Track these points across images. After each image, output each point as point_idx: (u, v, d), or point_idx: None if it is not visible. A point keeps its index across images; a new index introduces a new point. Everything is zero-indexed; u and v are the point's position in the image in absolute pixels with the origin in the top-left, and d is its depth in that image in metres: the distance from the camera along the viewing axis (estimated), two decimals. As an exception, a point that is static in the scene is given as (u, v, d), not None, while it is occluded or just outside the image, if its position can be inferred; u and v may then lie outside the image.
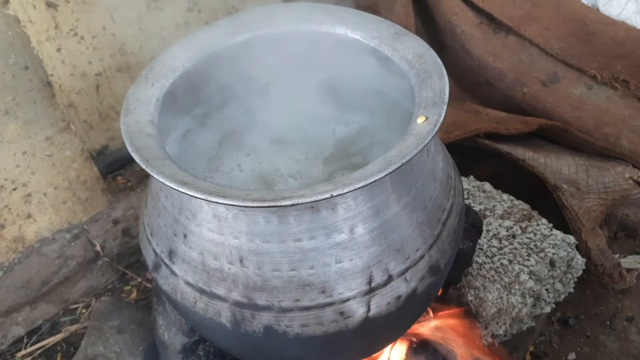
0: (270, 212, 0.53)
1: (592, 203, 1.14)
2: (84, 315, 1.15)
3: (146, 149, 0.54)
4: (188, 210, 0.58)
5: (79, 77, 1.22)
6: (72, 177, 1.07)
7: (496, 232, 1.01)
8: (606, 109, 1.25)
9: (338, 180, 0.49)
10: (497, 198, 1.10)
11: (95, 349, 0.95)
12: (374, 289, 0.57)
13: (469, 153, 1.26)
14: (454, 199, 0.66)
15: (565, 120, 1.26)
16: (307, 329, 0.57)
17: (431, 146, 0.63)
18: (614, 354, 1.07)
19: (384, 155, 0.51)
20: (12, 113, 0.92)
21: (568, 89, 1.28)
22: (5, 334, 1.09)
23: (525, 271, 0.93)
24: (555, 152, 1.24)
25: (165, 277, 0.62)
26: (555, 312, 1.14)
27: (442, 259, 0.63)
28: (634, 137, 1.21)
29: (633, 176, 1.19)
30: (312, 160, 0.80)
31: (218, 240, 0.56)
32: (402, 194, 0.57)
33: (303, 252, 0.54)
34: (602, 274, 1.13)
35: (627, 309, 1.15)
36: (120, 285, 1.22)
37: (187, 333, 0.90)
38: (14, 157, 0.97)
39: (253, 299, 0.56)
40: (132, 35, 1.25)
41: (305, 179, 0.78)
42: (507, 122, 1.27)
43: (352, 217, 0.54)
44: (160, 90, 0.65)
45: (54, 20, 1.12)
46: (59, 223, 1.11)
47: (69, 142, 1.03)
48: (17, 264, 1.07)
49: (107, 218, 1.17)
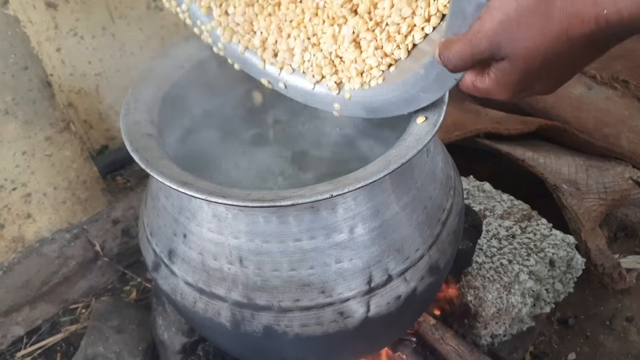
0: (270, 212, 0.53)
1: (592, 203, 1.14)
2: (83, 315, 1.15)
3: (146, 149, 0.54)
4: (188, 210, 0.58)
5: (79, 77, 1.22)
6: (72, 177, 1.07)
7: (496, 232, 1.01)
8: (606, 109, 1.25)
9: (338, 180, 0.49)
10: (496, 198, 1.10)
11: (95, 349, 0.95)
12: (373, 289, 0.57)
13: (469, 153, 1.26)
14: (454, 199, 0.66)
15: (565, 120, 1.26)
16: (306, 329, 0.57)
17: (431, 146, 0.63)
18: (614, 354, 1.07)
19: (384, 156, 0.51)
20: (12, 113, 0.92)
21: (568, 89, 1.28)
22: (5, 334, 1.09)
23: (525, 271, 0.93)
24: (555, 152, 1.24)
25: (165, 277, 0.62)
26: (555, 312, 1.14)
27: (441, 259, 0.63)
28: (634, 137, 1.21)
29: (633, 176, 1.19)
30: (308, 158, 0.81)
31: (218, 240, 0.56)
32: (401, 194, 0.57)
33: (303, 252, 0.54)
34: (602, 274, 1.13)
35: (627, 309, 1.15)
36: (119, 285, 1.21)
37: (186, 333, 0.90)
38: (14, 157, 0.97)
39: (253, 299, 0.56)
40: (132, 35, 1.25)
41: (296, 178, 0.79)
42: (507, 122, 1.27)
43: (352, 217, 0.54)
44: (160, 90, 0.65)
45: (53, 20, 1.12)
46: (58, 223, 1.11)
47: (68, 142, 1.03)
48: (16, 264, 1.07)
49: (107, 218, 1.17)
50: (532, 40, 0.39)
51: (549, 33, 0.38)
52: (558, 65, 0.41)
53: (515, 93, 0.44)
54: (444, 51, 0.45)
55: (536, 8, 0.37)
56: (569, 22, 0.37)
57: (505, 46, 0.40)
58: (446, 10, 0.50)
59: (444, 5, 0.50)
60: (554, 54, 0.39)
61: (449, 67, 0.45)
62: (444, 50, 0.45)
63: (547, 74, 0.42)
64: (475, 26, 0.41)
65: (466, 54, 0.42)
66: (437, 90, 0.52)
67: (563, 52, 0.39)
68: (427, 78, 0.52)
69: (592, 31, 0.37)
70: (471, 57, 0.42)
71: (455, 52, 0.43)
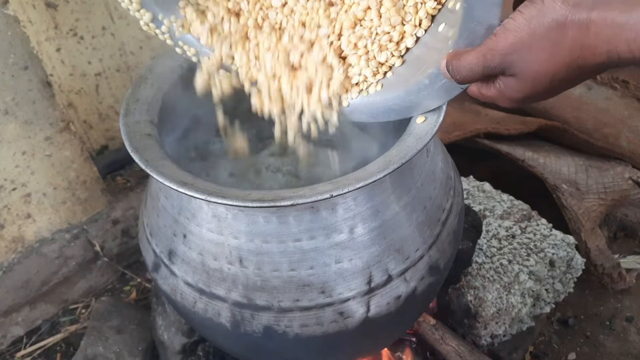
0: (269, 212, 0.53)
1: (592, 203, 1.15)
2: (83, 316, 1.15)
3: (146, 149, 0.54)
4: (188, 211, 0.58)
5: (79, 77, 1.22)
6: (72, 177, 1.07)
7: (496, 232, 1.01)
8: (606, 109, 1.25)
9: (338, 180, 0.49)
10: (496, 198, 1.10)
11: (95, 349, 0.95)
12: (373, 289, 0.57)
13: (469, 153, 1.26)
14: (454, 199, 0.66)
15: (564, 121, 1.26)
16: (306, 329, 0.57)
17: (431, 146, 0.63)
18: (614, 354, 1.07)
19: (384, 156, 0.51)
20: (12, 113, 0.92)
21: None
22: (5, 334, 1.09)
23: (525, 271, 0.93)
24: (555, 152, 1.24)
25: (165, 277, 0.62)
26: (555, 312, 1.14)
27: (441, 259, 0.63)
28: (634, 137, 1.21)
29: (632, 176, 1.19)
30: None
31: (218, 240, 0.56)
32: (401, 194, 0.57)
33: (303, 252, 0.54)
34: (602, 274, 1.13)
35: (627, 309, 1.15)
36: (119, 285, 1.21)
37: (186, 333, 0.90)
38: (14, 157, 0.97)
39: (253, 299, 0.56)
40: (132, 35, 1.25)
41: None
42: (507, 122, 1.27)
43: (352, 217, 0.54)
44: (160, 90, 0.65)
45: (53, 20, 1.12)
46: (58, 223, 1.11)
47: (68, 142, 1.03)
48: (16, 264, 1.07)
49: (107, 218, 1.17)
50: (542, 65, 0.40)
51: (559, 59, 0.39)
52: (565, 85, 0.42)
53: (519, 104, 0.46)
54: (453, 61, 0.46)
55: (547, 35, 0.38)
56: (580, 54, 0.38)
57: (517, 65, 0.41)
58: (435, 12, 0.51)
59: (432, 8, 0.51)
60: (562, 79, 0.40)
61: (456, 77, 0.46)
62: (453, 61, 0.46)
63: (552, 92, 0.43)
64: (490, 42, 0.42)
65: (478, 67, 0.43)
66: (442, 98, 0.53)
67: (572, 77, 0.40)
68: (431, 87, 0.52)
69: (603, 62, 0.37)
70: (482, 71, 0.44)
71: (467, 63, 0.44)
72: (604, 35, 0.36)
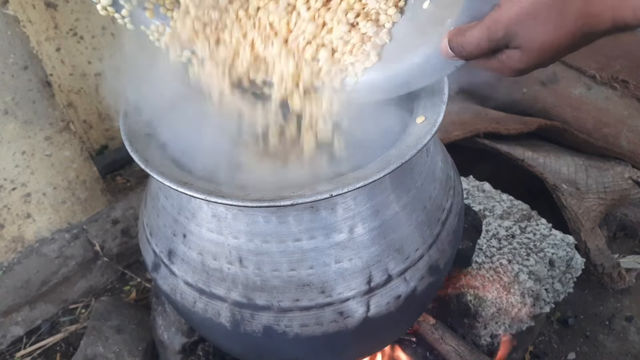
0: (269, 212, 0.53)
1: (592, 203, 1.15)
2: (83, 315, 1.15)
3: (146, 149, 0.54)
4: (187, 211, 0.58)
5: (79, 77, 1.22)
6: (72, 177, 1.07)
7: (495, 232, 1.01)
8: (605, 109, 1.25)
9: (337, 180, 0.49)
10: (496, 198, 1.10)
11: (95, 349, 0.95)
12: (373, 289, 0.57)
13: (468, 153, 1.26)
14: (454, 199, 0.66)
15: (564, 120, 1.26)
16: (306, 329, 0.57)
17: (430, 146, 0.63)
18: (613, 353, 1.07)
19: (383, 155, 0.51)
20: (12, 113, 0.92)
21: (567, 89, 1.28)
22: (5, 334, 1.09)
23: (525, 271, 0.93)
24: (555, 152, 1.24)
25: (165, 277, 0.62)
26: (555, 312, 1.14)
27: (441, 258, 0.63)
28: (633, 137, 1.21)
29: (632, 176, 1.19)
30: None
31: (217, 240, 0.56)
32: (401, 194, 0.57)
33: (302, 252, 0.54)
34: (602, 274, 1.13)
35: (626, 309, 1.15)
36: (119, 285, 1.22)
37: (186, 333, 0.90)
38: (13, 157, 0.97)
39: (252, 299, 0.56)
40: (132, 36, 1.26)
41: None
42: (507, 122, 1.27)
43: (352, 217, 0.54)
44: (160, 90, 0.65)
45: (53, 20, 1.12)
46: (58, 223, 1.11)
47: (68, 142, 1.03)
48: (16, 264, 1.07)
49: (107, 218, 1.17)
50: (547, 35, 0.39)
51: (564, 28, 0.39)
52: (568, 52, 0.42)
53: (521, 74, 0.45)
54: (456, 38, 0.45)
55: (552, 4, 0.38)
56: (585, 21, 0.38)
57: (522, 36, 0.41)
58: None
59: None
60: (567, 47, 0.40)
61: (462, 54, 0.45)
62: (457, 37, 0.45)
63: (556, 59, 0.43)
64: (494, 14, 0.42)
65: (483, 41, 0.43)
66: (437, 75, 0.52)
67: (577, 44, 0.40)
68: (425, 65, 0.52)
69: (608, 29, 0.37)
70: (487, 44, 0.43)
71: (473, 38, 0.43)
72: (610, 2, 0.35)
